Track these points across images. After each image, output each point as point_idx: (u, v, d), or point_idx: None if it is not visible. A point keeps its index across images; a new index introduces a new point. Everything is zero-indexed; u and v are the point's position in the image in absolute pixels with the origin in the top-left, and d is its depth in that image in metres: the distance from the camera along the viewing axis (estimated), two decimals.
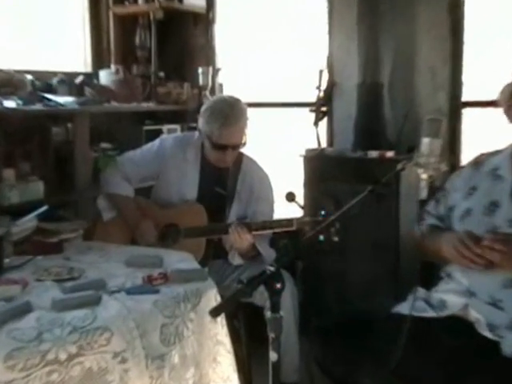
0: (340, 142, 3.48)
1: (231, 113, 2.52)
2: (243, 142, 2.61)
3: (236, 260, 2.63)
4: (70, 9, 3.53)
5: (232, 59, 3.99)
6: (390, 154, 3.04)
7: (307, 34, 3.69)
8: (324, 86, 3.48)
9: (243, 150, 2.71)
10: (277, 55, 3.84)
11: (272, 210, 2.74)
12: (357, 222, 2.90)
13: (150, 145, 2.80)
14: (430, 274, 1.97)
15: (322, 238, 2.20)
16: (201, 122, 2.60)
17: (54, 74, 3.16)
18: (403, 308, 1.96)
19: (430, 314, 1.93)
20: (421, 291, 1.98)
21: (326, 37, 3.51)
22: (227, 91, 3.88)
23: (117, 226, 2.69)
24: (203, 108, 2.62)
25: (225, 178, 2.71)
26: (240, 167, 2.73)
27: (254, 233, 2.52)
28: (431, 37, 3.18)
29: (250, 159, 2.78)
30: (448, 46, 3.15)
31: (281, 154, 3.93)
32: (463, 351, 1.75)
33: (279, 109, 3.88)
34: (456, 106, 3.20)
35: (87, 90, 3.19)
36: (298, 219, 2.48)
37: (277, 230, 2.52)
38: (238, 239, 2.48)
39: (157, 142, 2.79)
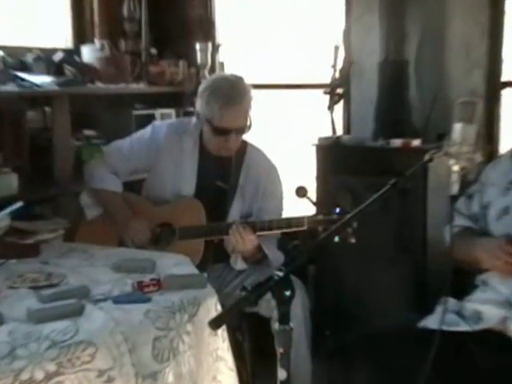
0: (358, 128, 3.47)
1: (234, 91, 2.52)
2: (248, 125, 2.61)
3: (239, 264, 2.63)
4: None
5: (234, 34, 3.98)
6: (415, 142, 3.03)
7: (321, 5, 3.68)
8: (340, 64, 3.47)
9: (247, 138, 2.71)
10: (286, 30, 3.83)
11: (280, 208, 2.74)
12: (377, 222, 2.87)
13: (140, 133, 2.80)
14: (461, 281, 1.96)
15: (337, 239, 2.20)
16: (199, 103, 2.60)
17: (29, 49, 3.16)
18: (431, 321, 1.96)
19: (463, 327, 1.92)
20: (451, 302, 1.98)
21: (343, 8, 3.51)
22: (229, 71, 3.88)
23: (103, 225, 2.70)
24: (201, 87, 2.62)
25: (226, 170, 2.71)
26: (244, 158, 2.72)
27: (260, 233, 2.52)
28: (466, 6, 3.16)
29: (256, 149, 2.78)
30: (486, 17, 3.13)
31: (290, 142, 3.93)
32: (502, 371, 1.75)
33: (288, 91, 3.88)
34: (494, 87, 3.19)
35: (67, 69, 3.19)
36: (309, 218, 2.48)
37: (286, 230, 2.52)
38: (240, 241, 2.49)
39: (148, 129, 2.79)
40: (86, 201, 2.75)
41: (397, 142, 3.06)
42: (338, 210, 2.42)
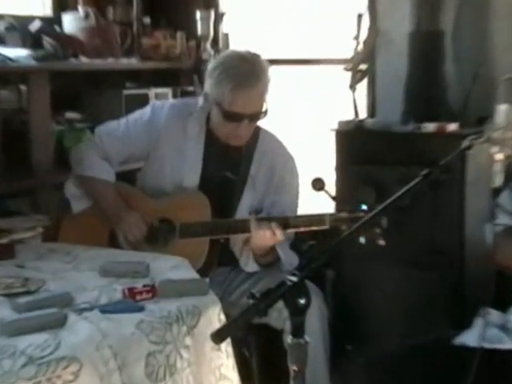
0: (385, 111, 3.46)
1: (249, 71, 2.52)
2: (263, 110, 2.61)
3: (250, 266, 2.64)
4: None
5: (240, 1, 3.98)
6: (452, 126, 3.02)
7: None
8: (364, 35, 3.46)
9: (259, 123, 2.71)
10: None
11: (296, 203, 2.73)
12: (406, 220, 2.88)
13: (138, 113, 2.80)
14: (505, 289, 1.96)
15: (363, 240, 2.20)
16: (208, 83, 2.61)
17: (1, 17, 3.16)
18: (469, 337, 1.95)
19: (508, 345, 1.92)
20: (493, 314, 1.97)
21: None
22: (234, 44, 3.87)
23: (91, 220, 2.70)
24: (212, 65, 2.62)
25: (236, 158, 2.71)
26: (256, 145, 2.73)
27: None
28: None
29: (270, 135, 2.78)
30: None
31: (305, 127, 3.92)
32: None
33: (303, 67, 3.87)
34: None
35: (46, 41, 3.19)
36: (332, 215, 2.47)
37: (304, 230, 2.51)
38: (269, 234, 2.46)
39: (147, 109, 2.79)
40: (72, 191, 2.75)
41: (430, 127, 3.04)
42: (363, 206, 2.41)
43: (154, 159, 2.74)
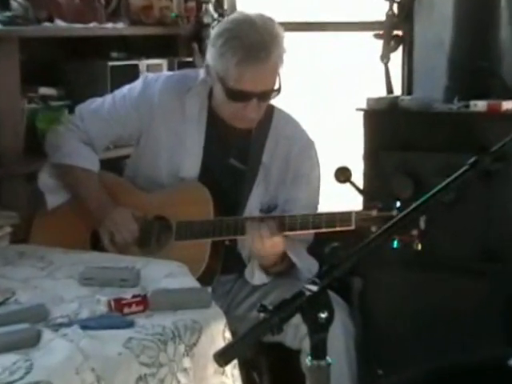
0: (424, 86, 3.45)
1: (260, 41, 2.51)
2: (276, 88, 2.61)
3: (256, 277, 2.64)
4: None
5: None
6: (507, 104, 3.02)
7: None
8: None
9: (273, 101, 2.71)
10: None
11: (316, 198, 2.74)
12: (451, 218, 2.88)
13: (126, 88, 2.81)
14: None
15: (396, 244, 2.20)
16: (210, 54, 2.60)
17: None
18: None
19: None
20: None
21: None
22: (242, 5, 3.88)
23: (68, 218, 2.72)
24: (215, 32, 2.62)
25: (245, 144, 2.72)
26: (269, 128, 2.73)
27: (288, 233, 2.53)
28: None
29: (286, 115, 2.78)
30: None
31: (327, 106, 3.93)
32: None
33: (324, 33, 3.87)
34: None
35: (15, 0, 3.20)
36: (358, 214, 2.47)
37: (325, 230, 2.52)
38: (260, 244, 2.49)
39: (138, 84, 2.80)
40: (46, 182, 2.76)
41: (480, 105, 3.04)
42: (398, 204, 2.41)
43: (146, 143, 2.75)
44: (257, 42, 2.51)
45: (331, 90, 3.93)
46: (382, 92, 3.41)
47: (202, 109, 2.72)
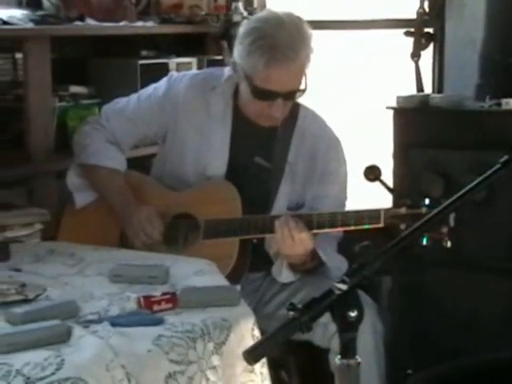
0: (455, 84, 3.43)
1: (288, 41, 2.51)
2: (302, 88, 2.61)
3: (284, 275, 2.64)
4: None
5: None
6: None
7: None
8: None
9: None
10: None
11: (344, 195, 2.73)
12: (482, 216, 2.86)
13: (152, 87, 2.82)
14: None
15: (425, 241, 2.19)
16: (238, 51, 2.61)
17: None
18: None
19: None
20: None
21: None
22: (272, 3, 3.87)
23: (97, 217, 2.73)
24: (243, 30, 2.61)
25: (270, 142, 2.72)
26: (294, 126, 2.73)
27: (316, 231, 2.52)
28: None
29: (312, 113, 2.78)
30: None
31: (356, 104, 3.91)
32: None
33: (354, 32, 3.86)
34: None
35: (47, 0, 3.22)
36: (387, 211, 2.46)
37: (354, 228, 2.51)
38: (289, 241, 2.49)
39: (163, 82, 2.80)
40: (74, 182, 2.78)
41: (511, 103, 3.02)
42: (427, 201, 2.40)
43: (172, 142, 2.76)
44: (285, 42, 2.51)
45: (361, 88, 3.92)
46: (413, 90, 3.40)
47: (227, 107, 2.72)
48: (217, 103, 2.73)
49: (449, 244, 2.31)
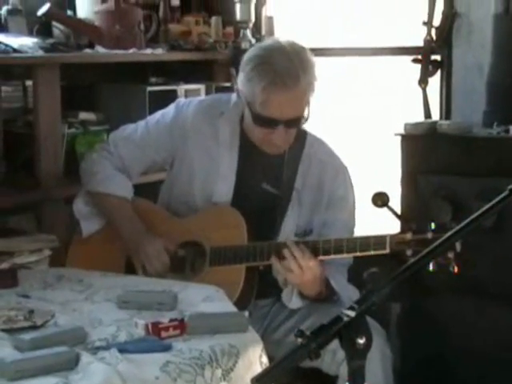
0: (463, 111, 3.44)
1: (289, 68, 2.51)
2: (304, 115, 2.61)
3: (294, 301, 2.63)
4: None
5: None
6: None
7: None
8: (437, 20, 3.45)
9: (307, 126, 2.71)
10: None
11: (352, 222, 2.73)
12: (491, 243, 2.85)
13: (159, 114, 2.83)
14: None
15: (431, 267, 2.18)
16: (240, 78, 2.61)
17: None
18: None
19: None
20: None
21: None
22: (280, 30, 3.89)
23: (103, 245, 2.73)
24: (246, 57, 2.62)
25: (277, 168, 2.71)
26: (301, 153, 2.72)
27: (323, 257, 2.52)
28: None
29: (319, 141, 2.78)
30: None
31: (364, 130, 3.92)
32: None
33: (361, 59, 3.87)
34: None
35: (56, 27, 3.24)
36: (393, 237, 2.46)
37: (360, 254, 2.51)
38: (297, 269, 2.48)
39: (171, 109, 2.81)
40: (81, 210, 2.78)
41: None
42: (433, 225, 2.40)
43: (179, 168, 2.76)
44: (285, 69, 2.50)
45: (369, 115, 3.92)
46: (420, 117, 3.41)
47: (234, 133, 2.72)
48: (224, 129, 2.73)
49: (456, 269, 2.30)
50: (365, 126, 3.93)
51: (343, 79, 3.93)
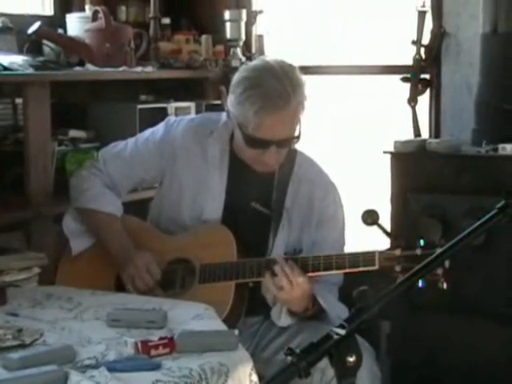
0: (452, 129, 3.46)
1: (279, 90, 2.51)
2: (296, 135, 2.61)
3: (283, 319, 2.62)
4: None
5: None
6: None
7: None
8: (426, 38, 3.47)
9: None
10: None
11: (342, 240, 2.73)
12: (480, 262, 2.85)
13: (149, 132, 2.83)
14: None
15: (420, 283, 2.18)
16: (230, 100, 2.61)
17: None
18: None
19: None
20: None
21: None
22: (271, 49, 3.90)
23: (93, 263, 2.72)
24: (235, 78, 2.62)
25: (267, 187, 2.72)
26: (291, 172, 2.73)
27: (312, 274, 2.51)
28: None
29: (308, 160, 2.78)
30: None
31: (354, 149, 3.92)
32: None
33: (352, 77, 3.88)
34: None
35: (47, 45, 3.25)
36: (382, 253, 2.46)
37: (349, 271, 2.51)
38: (287, 284, 2.49)
39: (160, 127, 2.81)
40: (70, 227, 2.77)
41: (508, 149, 3.03)
42: (422, 242, 2.41)
43: (168, 186, 2.76)
44: (276, 91, 2.50)
45: (359, 133, 3.93)
46: (410, 135, 3.41)
47: (223, 152, 2.73)
48: (214, 148, 2.73)
49: (445, 285, 2.31)
50: (355, 144, 3.94)
51: (333, 97, 3.94)
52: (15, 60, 3.01)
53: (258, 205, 2.71)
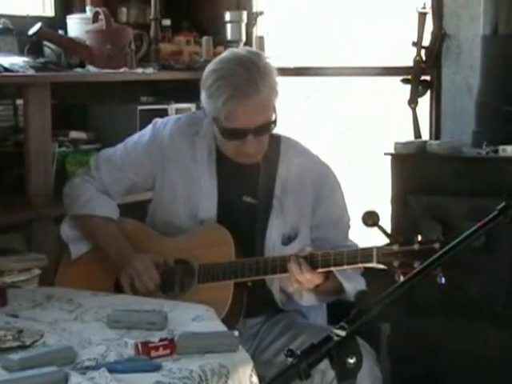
0: (452, 131, 3.45)
1: (246, 78, 2.51)
2: (271, 121, 2.60)
3: (305, 298, 2.61)
4: None
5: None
6: None
7: None
8: (427, 40, 3.47)
9: (282, 132, 2.71)
10: None
11: (346, 215, 2.72)
12: (481, 264, 2.85)
13: (137, 135, 2.84)
14: None
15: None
16: (203, 96, 2.61)
17: None
18: None
19: None
20: None
21: None
22: (271, 50, 3.90)
23: (92, 266, 2.72)
24: (204, 73, 2.61)
25: (255, 178, 2.71)
26: (278, 158, 2.71)
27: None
28: None
29: (293, 143, 2.76)
30: None
31: (354, 150, 3.93)
32: None
33: (352, 79, 3.88)
34: None
35: (48, 47, 3.25)
36: (380, 249, 2.46)
37: (347, 267, 2.50)
38: (296, 285, 2.48)
39: (148, 129, 2.82)
40: (68, 234, 2.77)
41: (509, 150, 3.03)
42: (419, 237, 2.40)
43: (161, 188, 2.76)
44: (244, 79, 2.51)
45: (359, 135, 3.93)
46: (410, 136, 3.41)
47: (210, 149, 2.72)
48: (201, 147, 2.73)
49: (443, 280, 2.30)
50: (355, 146, 3.94)
51: (333, 99, 3.94)
52: (16, 61, 3.01)
53: (249, 198, 2.71)
